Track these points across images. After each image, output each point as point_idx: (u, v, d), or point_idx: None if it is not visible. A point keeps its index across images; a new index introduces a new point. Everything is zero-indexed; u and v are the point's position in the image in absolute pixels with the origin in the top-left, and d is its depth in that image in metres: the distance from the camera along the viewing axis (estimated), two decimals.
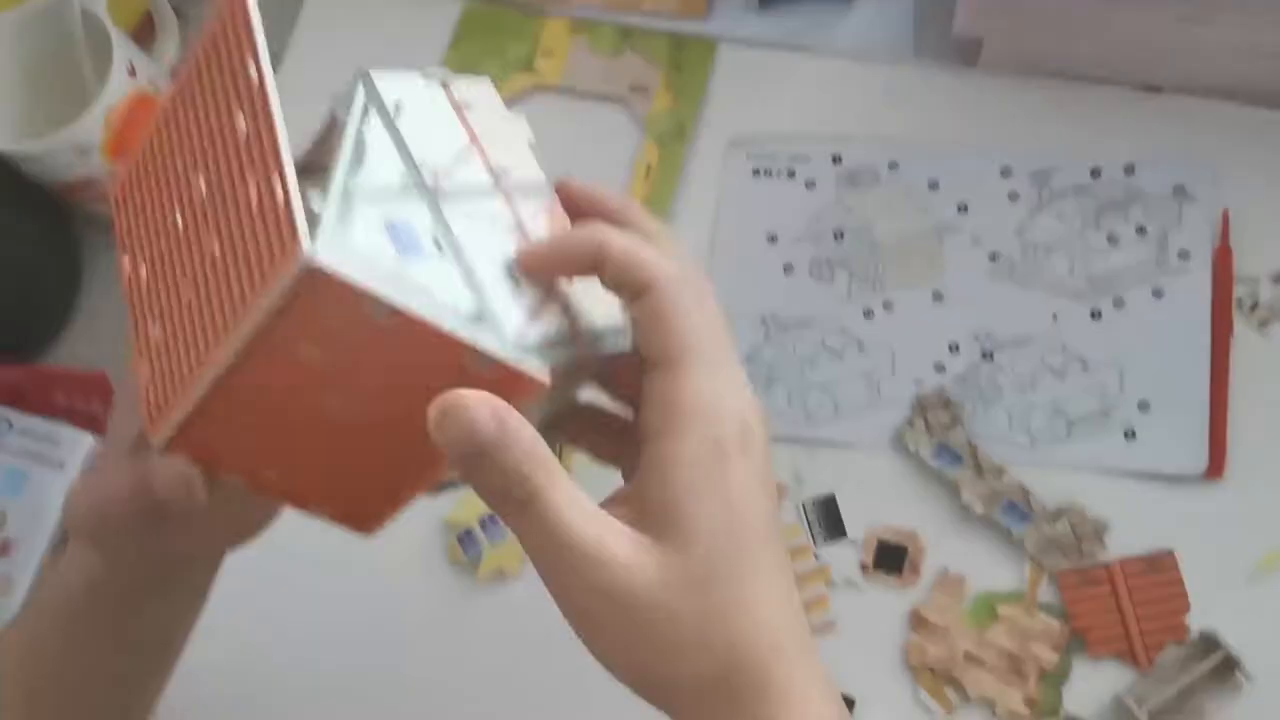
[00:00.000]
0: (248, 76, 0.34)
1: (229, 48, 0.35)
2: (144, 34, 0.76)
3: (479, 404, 0.33)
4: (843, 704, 0.37)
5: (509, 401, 0.34)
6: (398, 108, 0.37)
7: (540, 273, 0.37)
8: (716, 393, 0.35)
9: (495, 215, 0.38)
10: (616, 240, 0.36)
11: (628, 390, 0.40)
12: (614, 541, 0.34)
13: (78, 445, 0.68)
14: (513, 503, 0.34)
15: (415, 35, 0.76)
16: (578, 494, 0.34)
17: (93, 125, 0.66)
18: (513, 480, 0.33)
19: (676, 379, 0.35)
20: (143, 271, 0.38)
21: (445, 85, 0.40)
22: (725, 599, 0.34)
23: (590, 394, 0.42)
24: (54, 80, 0.71)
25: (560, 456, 0.36)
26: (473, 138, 0.39)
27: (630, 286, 0.36)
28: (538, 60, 0.73)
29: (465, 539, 0.63)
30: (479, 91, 0.40)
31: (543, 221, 0.39)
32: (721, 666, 0.34)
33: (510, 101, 0.73)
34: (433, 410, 0.33)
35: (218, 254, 0.34)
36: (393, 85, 0.38)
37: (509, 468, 0.33)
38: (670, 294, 0.36)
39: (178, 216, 0.37)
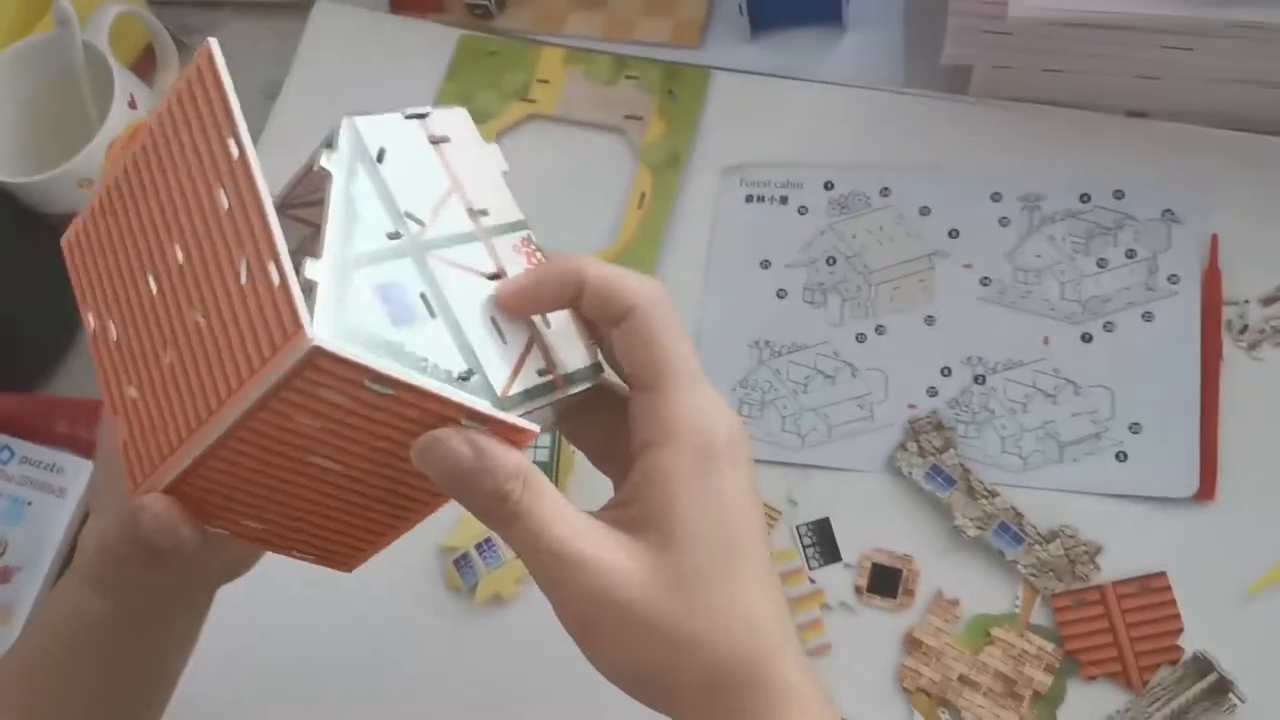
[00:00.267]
0: (227, 153, 0.35)
1: (201, 118, 0.36)
2: (145, 66, 0.77)
3: (454, 436, 0.35)
4: (826, 695, 0.38)
5: None
6: (381, 154, 0.38)
7: (520, 310, 0.39)
8: (703, 408, 0.37)
9: (477, 261, 0.39)
10: (592, 268, 0.38)
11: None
12: (607, 549, 0.36)
13: (79, 473, 0.69)
14: (501, 519, 0.35)
15: (412, 65, 0.76)
16: (566, 507, 0.36)
17: (94, 157, 0.67)
18: (496, 500, 0.35)
19: (665, 396, 0.37)
20: (111, 330, 0.39)
21: (423, 119, 0.40)
22: (721, 599, 0.36)
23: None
24: (56, 112, 0.72)
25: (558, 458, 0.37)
26: (452, 179, 0.40)
27: (610, 313, 0.38)
28: (533, 89, 0.74)
29: (461, 564, 0.64)
30: (455, 123, 0.41)
31: (520, 258, 0.40)
32: (721, 665, 0.35)
33: (506, 130, 0.74)
34: (415, 448, 0.35)
35: (203, 325, 0.35)
36: (375, 130, 0.38)
37: (490, 489, 0.35)
38: (651, 316, 0.38)
39: (150, 281, 0.37)
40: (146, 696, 0.49)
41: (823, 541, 0.62)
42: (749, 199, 0.70)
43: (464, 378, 0.36)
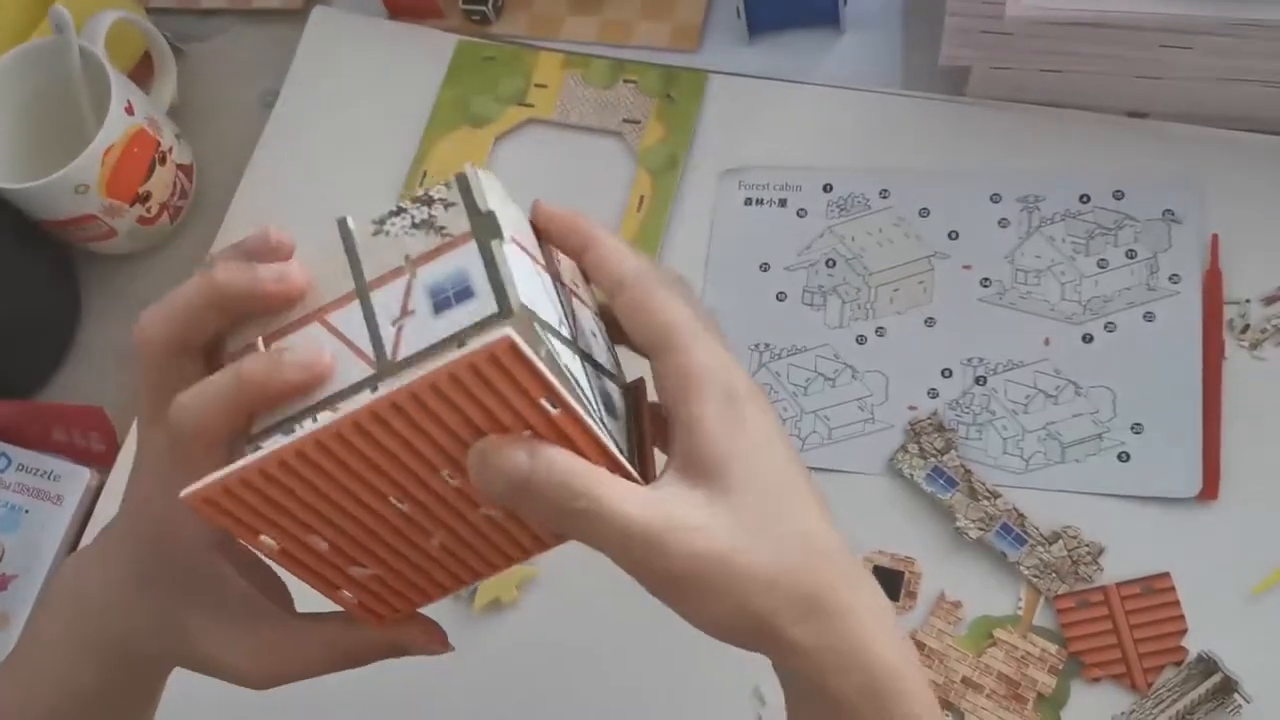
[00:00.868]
0: (543, 412, 0.35)
1: (500, 389, 0.35)
2: (142, 73, 0.77)
3: (509, 443, 0.36)
4: (889, 604, 0.41)
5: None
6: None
7: (541, 223, 0.41)
8: (717, 360, 0.39)
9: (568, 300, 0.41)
10: (597, 236, 0.41)
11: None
12: (680, 511, 0.37)
13: (76, 481, 0.69)
14: (572, 517, 0.36)
15: (409, 71, 0.76)
16: (628, 487, 0.37)
17: (91, 163, 0.67)
18: (563, 498, 0.36)
19: (677, 354, 0.39)
20: (319, 544, 0.38)
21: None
22: (792, 529, 0.38)
23: None
24: (52, 118, 0.72)
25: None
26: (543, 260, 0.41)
27: (603, 285, 0.41)
28: (531, 94, 0.74)
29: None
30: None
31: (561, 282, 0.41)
32: (800, 596, 0.37)
33: (504, 135, 0.74)
34: (472, 453, 0.36)
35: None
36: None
37: (555, 486, 0.36)
38: (639, 286, 0.40)
39: (394, 502, 0.37)
40: None
41: None
42: (748, 202, 0.70)
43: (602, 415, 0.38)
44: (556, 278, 0.40)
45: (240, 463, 0.35)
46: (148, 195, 0.71)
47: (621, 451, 0.38)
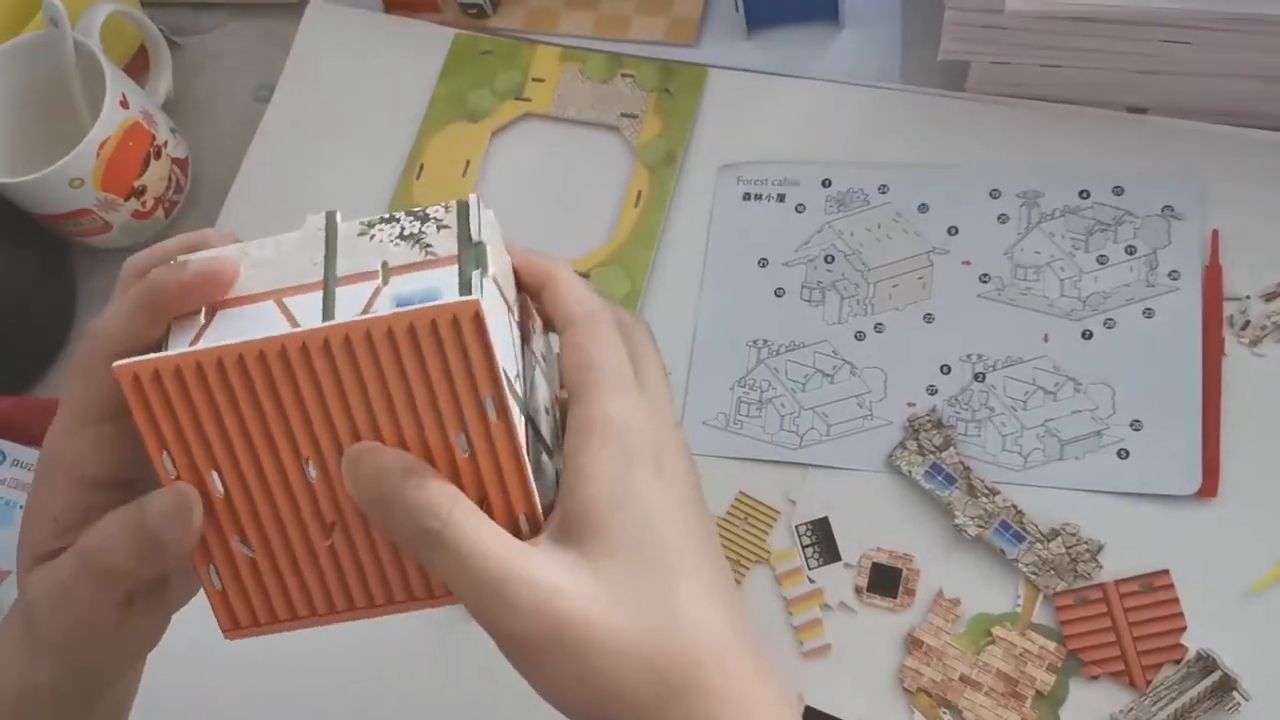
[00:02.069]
0: (480, 413, 0.35)
1: (450, 364, 0.35)
2: (138, 66, 0.77)
3: (388, 450, 0.35)
4: (793, 701, 0.37)
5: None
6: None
7: (518, 263, 0.41)
8: (623, 414, 0.37)
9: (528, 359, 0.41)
10: (556, 275, 0.40)
11: None
12: (541, 567, 0.35)
13: None
14: (425, 538, 0.35)
15: (406, 65, 0.76)
16: (494, 527, 0.35)
17: (86, 157, 0.67)
18: (425, 514, 0.34)
19: (585, 403, 0.37)
20: (216, 485, 0.37)
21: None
22: (665, 603, 0.35)
23: None
24: (47, 111, 0.71)
25: None
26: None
27: (555, 321, 0.40)
28: (528, 88, 0.74)
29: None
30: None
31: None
32: (661, 675, 0.35)
33: (500, 129, 0.74)
34: (346, 455, 0.35)
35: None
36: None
37: (420, 504, 0.34)
38: (583, 328, 0.39)
39: (310, 469, 0.37)
40: None
41: (822, 541, 0.61)
42: (746, 197, 0.69)
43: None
44: (526, 340, 0.40)
45: (176, 351, 0.35)
46: (143, 189, 0.71)
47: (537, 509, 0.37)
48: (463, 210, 0.38)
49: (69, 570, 0.38)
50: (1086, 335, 0.63)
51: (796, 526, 0.62)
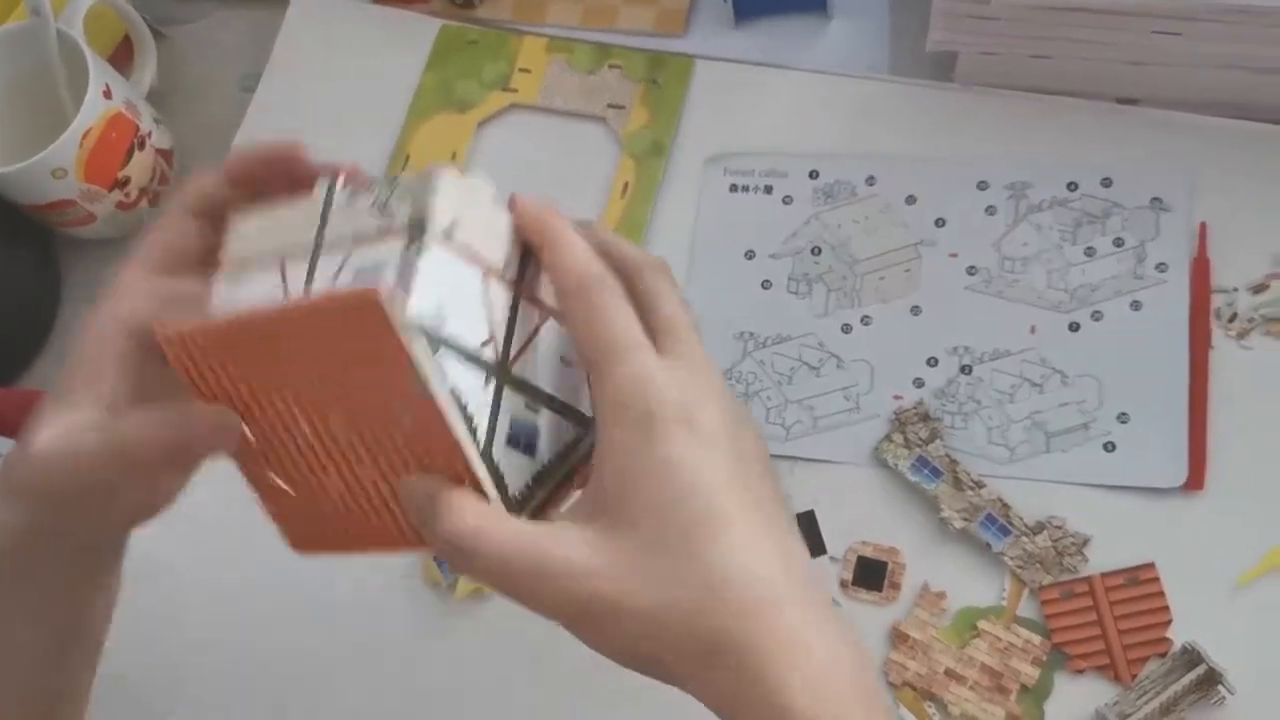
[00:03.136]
0: (415, 396, 0.36)
1: (371, 347, 0.36)
2: (122, 57, 0.76)
3: (417, 480, 0.37)
4: (854, 643, 0.37)
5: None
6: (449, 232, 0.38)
7: (519, 214, 0.40)
8: (641, 376, 0.37)
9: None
10: (552, 238, 0.39)
11: None
12: (567, 548, 0.36)
13: None
14: (459, 551, 0.36)
15: (392, 56, 0.76)
16: (517, 525, 0.36)
17: (69, 147, 0.66)
18: (454, 531, 0.36)
19: (602, 374, 0.37)
20: (247, 432, 0.40)
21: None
22: (693, 565, 0.35)
23: None
24: (30, 102, 0.71)
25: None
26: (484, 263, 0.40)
27: (558, 288, 0.39)
28: (515, 79, 0.74)
29: (440, 559, 0.63)
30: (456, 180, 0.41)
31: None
32: (696, 636, 0.35)
33: (487, 120, 0.73)
34: (402, 484, 0.38)
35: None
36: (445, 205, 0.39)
37: (448, 525, 0.36)
38: (580, 299, 0.38)
39: (304, 425, 0.39)
40: (67, 646, 0.46)
41: (808, 534, 0.61)
42: (733, 188, 0.69)
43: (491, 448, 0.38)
44: (528, 296, 0.40)
45: (188, 323, 0.39)
46: (127, 180, 0.70)
47: (498, 479, 0.37)
48: (425, 178, 0.38)
49: (97, 446, 0.39)
50: (1074, 328, 0.63)
51: None
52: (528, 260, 0.40)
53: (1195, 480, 0.59)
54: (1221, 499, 0.59)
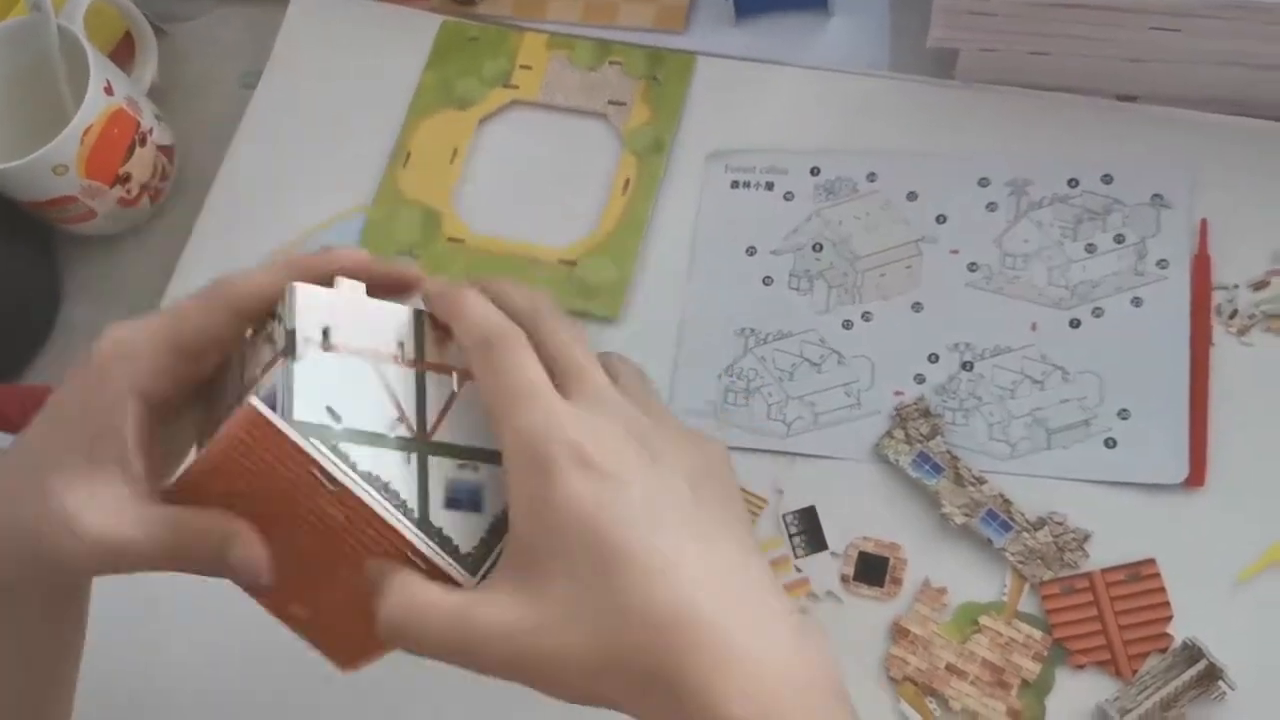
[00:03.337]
0: (334, 492, 0.38)
1: (278, 461, 0.38)
2: (123, 54, 0.76)
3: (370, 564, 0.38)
4: (813, 644, 0.37)
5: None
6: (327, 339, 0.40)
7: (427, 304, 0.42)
8: (539, 424, 0.37)
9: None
10: (458, 305, 0.41)
11: None
12: (490, 618, 0.36)
13: None
14: (398, 639, 0.37)
15: (392, 52, 0.76)
16: (438, 600, 0.37)
17: (69, 144, 0.66)
18: (389, 623, 0.37)
19: (504, 426, 0.38)
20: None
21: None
22: (616, 605, 0.35)
23: None
24: (31, 99, 0.71)
25: None
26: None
27: (465, 351, 0.40)
28: (515, 75, 0.74)
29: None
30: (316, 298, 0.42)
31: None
32: (629, 671, 0.35)
33: (488, 117, 0.73)
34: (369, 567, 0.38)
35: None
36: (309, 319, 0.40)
37: (384, 617, 0.37)
38: (481, 357, 0.39)
39: (301, 538, 0.40)
40: (45, 689, 0.46)
41: (809, 530, 0.61)
42: (734, 185, 0.69)
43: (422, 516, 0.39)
44: (435, 368, 0.41)
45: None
46: (128, 176, 0.70)
47: (443, 542, 0.38)
48: (288, 301, 0.40)
49: (134, 532, 0.39)
50: (1075, 324, 0.63)
51: (783, 515, 0.62)
52: (424, 335, 0.42)
53: (1196, 476, 0.59)
54: (1222, 495, 0.59)
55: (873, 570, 0.60)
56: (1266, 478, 0.59)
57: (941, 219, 0.66)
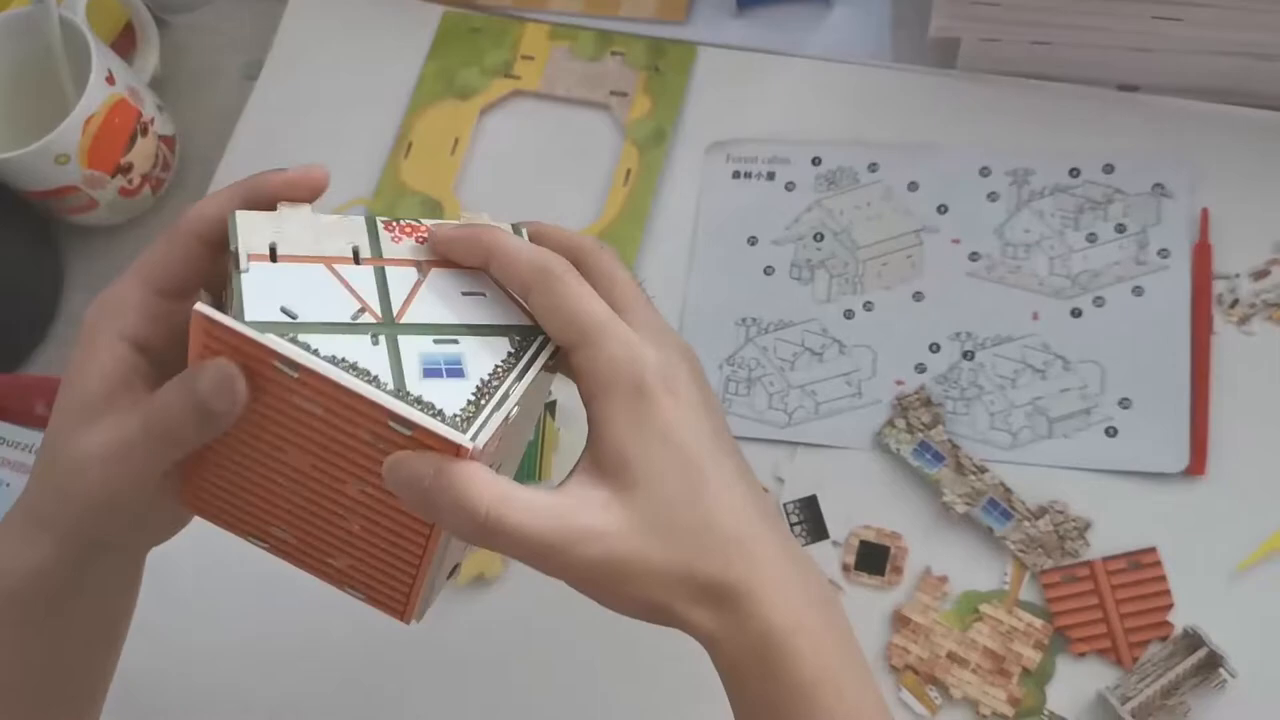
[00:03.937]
0: (305, 383, 0.38)
1: (247, 369, 0.38)
2: (125, 44, 0.76)
3: (416, 456, 0.37)
4: (821, 581, 0.43)
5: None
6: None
7: (441, 250, 0.43)
8: (622, 352, 0.40)
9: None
10: (497, 245, 0.42)
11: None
12: (578, 520, 0.38)
13: None
14: (477, 537, 0.38)
15: (394, 43, 0.76)
16: (530, 497, 0.38)
17: (71, 133, 0.66)
18: (466, 518, 0.37)
19: (584, 353, 0.40)
20: (282, 535, 0.43)
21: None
22: (691, 519, 0.39)
23: None
24: (33, 89, 0.71)
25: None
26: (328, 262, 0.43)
27: (512, 288, 0.42)
28: (517, 66, 0.74)
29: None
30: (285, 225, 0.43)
31: (405, 237, 0.44)
32: (704, 579, 0.39)
33: (489, 107, 0.73)
34: (385, 466, 0.38)
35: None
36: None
37: (455, 508, 0.37)
38: (545, 289, 0.41)
39: (298, 487, 0.41)
40: (94, 658, 0.47)
41: (810, 519, 0.61)
42: (735, 175, 0.69)
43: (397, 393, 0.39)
44: (396, 262, 0.42)
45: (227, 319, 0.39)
46: (129, 166, 0.70)
47: (426, 407, 0.38)
48: (229, 226, 0.41)
49: (132, 429, 0.40)
50: (1076, 313, 0.63)
51: (785, 504, 0.62)
52: (378, 238, 0.43)
53: (1197, 465, 0.59)
54: (1223, 484, 0.59)
55: (874, 559, 0.60)
56: (1267, 466, 0.59)
57: (943, 209, 0.66)
